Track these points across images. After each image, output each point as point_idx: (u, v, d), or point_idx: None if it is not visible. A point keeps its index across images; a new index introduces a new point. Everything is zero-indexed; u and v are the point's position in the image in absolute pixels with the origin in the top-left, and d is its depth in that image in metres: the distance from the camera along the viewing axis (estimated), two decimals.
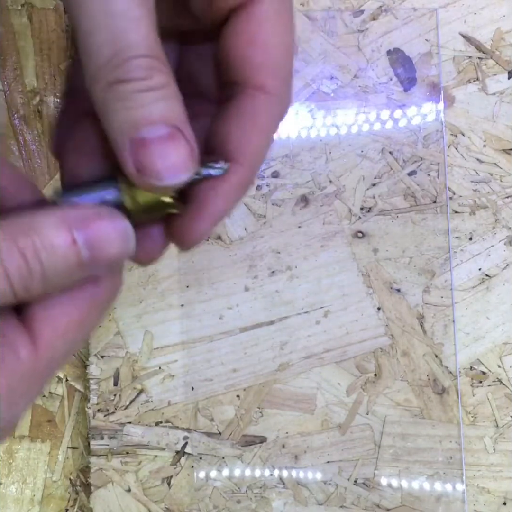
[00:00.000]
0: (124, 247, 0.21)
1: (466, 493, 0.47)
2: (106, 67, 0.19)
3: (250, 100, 0.22)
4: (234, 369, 0.47)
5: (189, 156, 0.20)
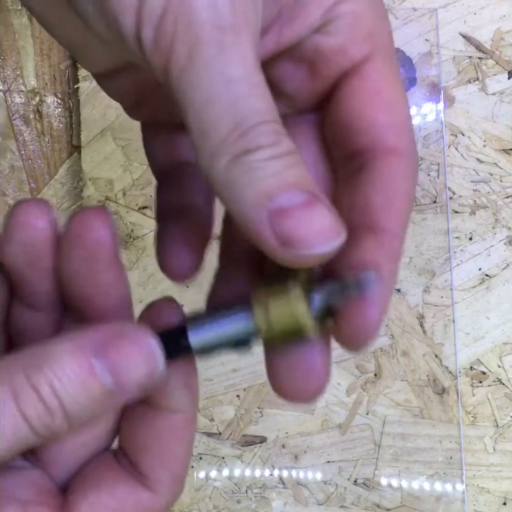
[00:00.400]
0: (151, 367, 0.19)
1: (466, 493, 0.47)
2: (229, 138, 0.17)
3: (385, 165, 0.20)
4: (234, 369, 0.47)
5: (334, 221, 0.18)
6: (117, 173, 0.47)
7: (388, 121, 0.20)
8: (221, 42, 0.17)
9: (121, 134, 0.47)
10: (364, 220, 0.20)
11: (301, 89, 0.21)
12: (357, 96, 0.20)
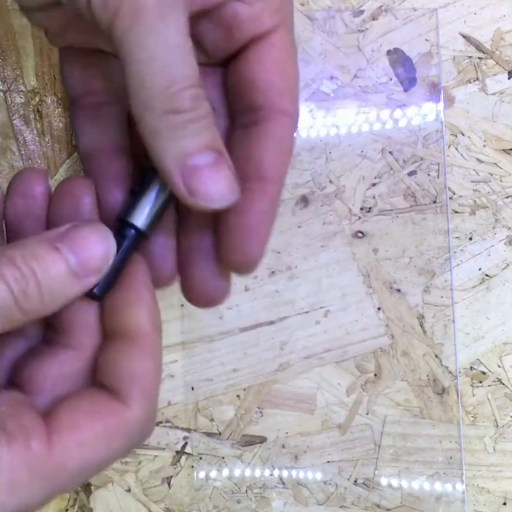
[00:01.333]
0: (106, 246, 0.22)
1: (466, 493, 0.47)
2: (161, 96, 0.21)
3: (278, 124, 0.24)
4: (234, 369, 0.47)
5: (233, 182, 0.23)
6: None
7: (284, 87, 0.24)
8: (162, 10, 0.20)
9: None
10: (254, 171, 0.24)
11: (216, 46, 0.25)
12: (262, 60, 0.24)
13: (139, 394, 0.22)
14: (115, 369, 0.22)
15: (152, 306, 0.24)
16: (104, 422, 0.21)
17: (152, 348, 0.23)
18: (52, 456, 0.20)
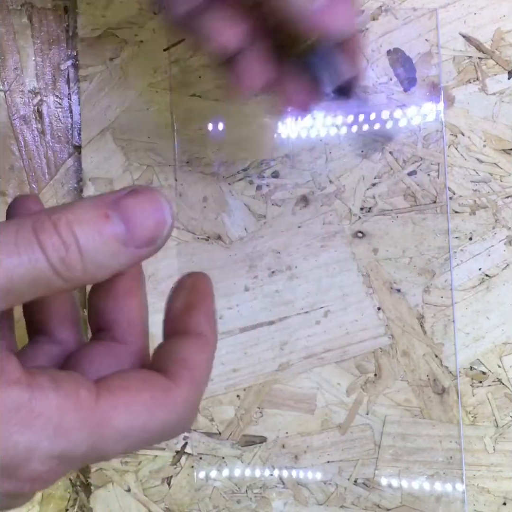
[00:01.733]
0: (159, 217, 0.21)
1: (466, 493, 0.47)
2: None
3: None
4: (234, 369, 0.47)
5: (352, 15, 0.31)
6: (117, 173, 0.47)
7: None
8: None
9: (121, 134, 0.47)
10: None
11: None
12: None
13: (188, 377, 0.23)
14: (170, 356, 0.23)
15: (212, 312, 0.26)
16: (151, 392, 0.21)
17: (208, 346, 0.24)
18: (99, 409, 0.20)
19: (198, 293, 0.26)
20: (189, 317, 0.25)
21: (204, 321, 0.25)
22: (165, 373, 0.23)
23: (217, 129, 0.48)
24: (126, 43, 0.47)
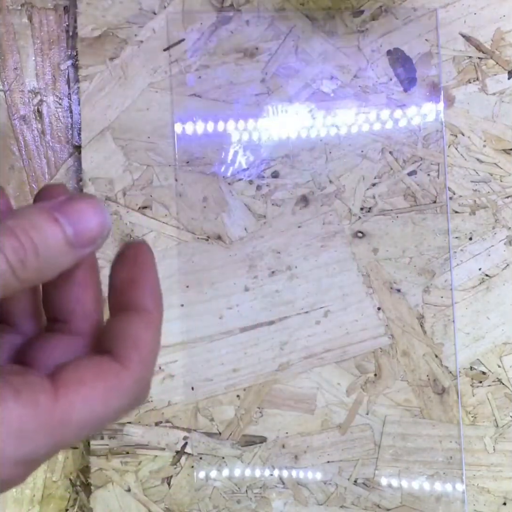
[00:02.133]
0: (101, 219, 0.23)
1: (466, 493, 0.47)
2: None
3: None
4: (234, 369, 0.47)
5: None
6: (117, 173, 0.47)
7: None
8: None
9: (121, 134, 0.47)
10: None
11: None
12: None
13: (138, 358, 0.24)
14: (117, 336, 0.24)
15: (156, 286, 0.26)
16: (105, 380, 0.23)
17: (154, 323, 0.25)
18: (58, 409, 0.22)
19: (140, 266, 0.26)
20: (132, 292, 0.25)
21: (148, 297, 0.25)
22: (115, 356, 0.24)
23: (217, 129, 0.48)
24: (126, 43, 0.47)
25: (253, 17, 0.48)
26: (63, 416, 0.22)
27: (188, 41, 0.47)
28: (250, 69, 0.48)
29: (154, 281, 0.26)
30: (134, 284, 0.25)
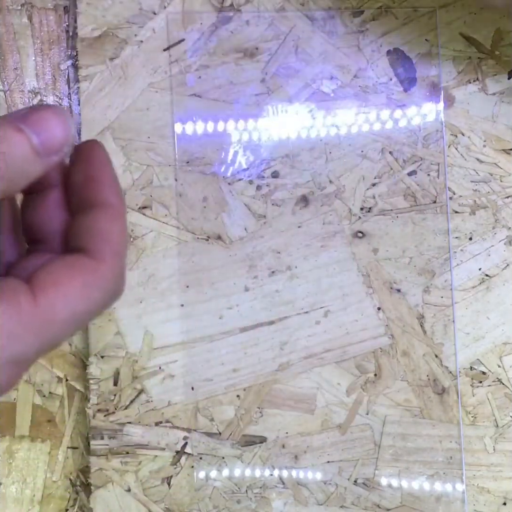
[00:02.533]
0: (66, 127, 0.23)
1: (466, 493, 0.47)
2: None
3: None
4: (234, 369, 0.47)
5: None
6: (117, 173, 0.47)
7: None
8: None
9: (121, 134, 0.47)
10: None
11: None
12: None
13: (110, 251, 0.24)
14: (86, 233, 0.25)
15: (115, 179, 0.26)
16: (82, 276, 0.23)
17: (118, 214, 0.25)
18: (40, 310, 0.22)
19: (96, 163, 0.26)
20: (92, 189, 0.26)
21: (109, 191, 0.26)
22: (87, 252, 0.24)
23: (217, 129, 0.48)
24: (126, 43, 0.47)
25: (253, 17, 0.48)
26: (45, 316, 0.22)
27: (188, 41, 0.47)
28: (250, 69, 0.48)
29: (112, 175, 0.26)
30: (93, 181, 0.26)
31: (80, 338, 0.48)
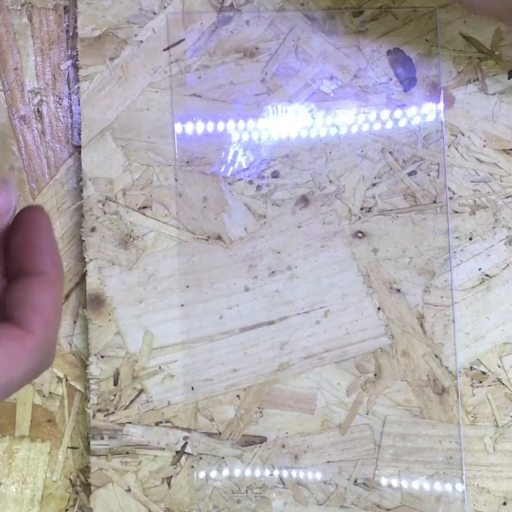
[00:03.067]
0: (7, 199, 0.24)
1: (466, 493, 0.47)
2: None
3: None
4: (234, 369, 0.47)
5: None
6: (117, 173, 0.47)
7: None
8: None
9: (121, 134, 0.47)
10: None
11: None
12: None
13: (40, 322, 0.24)
14: (17, 302, 0.25)
15: (52, 247, 0.26)
16: (9, 347, 0.23)
17: (53, 284, 0.25)
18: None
19: (35, 229, 0.26)
20: (29, 256, 0.26)
21: (45, 258, 0.26)
22: (17, 322, 0.24)
23: (217, 129, 0.48)
24: (126, 43, 0.47)
25: (253, 17, 0.48)
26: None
27: (188, 41, 0.47)
28: (250, 69, 0.48)
29: (50, 243, 0.26)
30: (30, 248, 0.26)
31: (80, 338, 0.48)
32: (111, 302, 0.46)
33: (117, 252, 0.47)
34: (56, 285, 0.25)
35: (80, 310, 0.48)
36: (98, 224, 0.47)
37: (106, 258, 0.47)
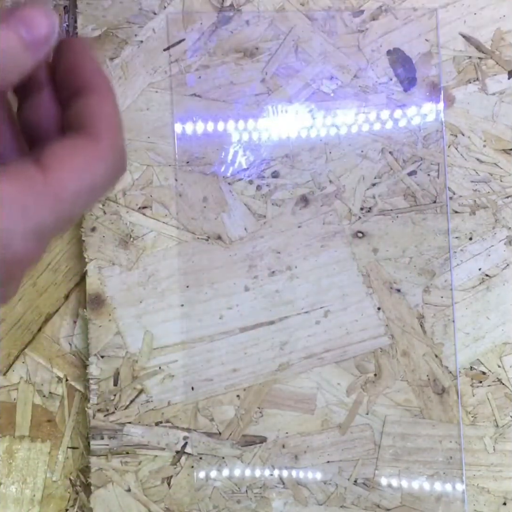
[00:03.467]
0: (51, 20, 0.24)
1: (466, 493, 0.47)
2: None
3: None
4: (234, 369, 0.47)
5: None
6: None
7: None
8: None
9: None
10: None
11: None
12: None
13: (106, 127, 0.25)
14: (80, 116, 0.26)
15: (99, 66, 0.27)
16: (84, 153, 0.24)
17: (110, 94, 0.26)
18: (51, 184, 0.23)
19: (79, 52, 0.27)
20: (81, 76, 0.26)
21: (97, 75, 0.26)
22: (84, 133, 0.25)
23: (217, 129, 0.48)
24: (126, 43, 0.47)
25: (253, 17, 0.48)
26: (56, 190, 0.23)
27: (188, 41, 0.47)
28: (250, 69, 0.48)
29: (94, 61, 0.27)
30: (80, 68, 0.26)
31: (80, 338, 0.48)
32: (111, 302, 0.46)
33: (117, 252, 0.47)
34: (113, 96, 0.26)
35: (80, 310, 0.48)
36: (98, 224, 0.47)
37: (106, 258, 0.47)
